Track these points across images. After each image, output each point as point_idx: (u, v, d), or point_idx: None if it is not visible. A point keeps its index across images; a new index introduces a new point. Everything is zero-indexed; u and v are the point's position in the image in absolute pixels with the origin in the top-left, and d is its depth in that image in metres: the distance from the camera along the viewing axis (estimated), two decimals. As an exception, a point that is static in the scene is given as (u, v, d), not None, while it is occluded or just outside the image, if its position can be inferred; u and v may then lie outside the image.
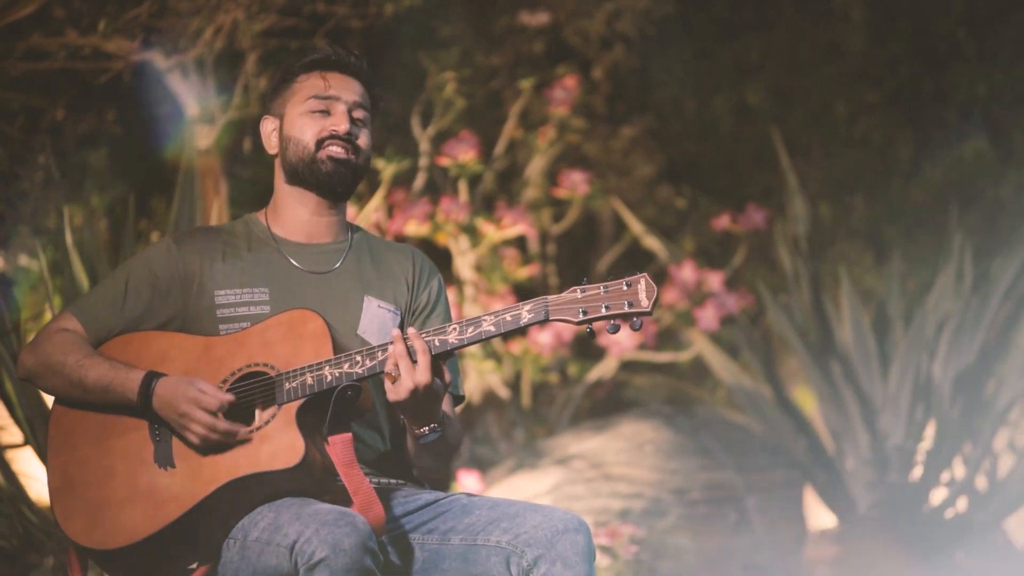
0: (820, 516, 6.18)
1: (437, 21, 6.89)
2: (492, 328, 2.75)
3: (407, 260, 3.07)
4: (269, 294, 2.95)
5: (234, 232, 3.03)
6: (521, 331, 2.79)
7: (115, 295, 2.96)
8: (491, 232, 5.88)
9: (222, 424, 2.78)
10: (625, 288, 2.73)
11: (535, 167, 6.52)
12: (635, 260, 7.05)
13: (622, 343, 5.98)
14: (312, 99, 2.97)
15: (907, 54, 7.27)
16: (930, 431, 5.66)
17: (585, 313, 2.74)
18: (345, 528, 2.64)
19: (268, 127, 3.04)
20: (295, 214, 3.02)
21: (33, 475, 4.43)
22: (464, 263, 5.94)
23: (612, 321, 2.74)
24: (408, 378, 2.75)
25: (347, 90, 2.99)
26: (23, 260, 5.39)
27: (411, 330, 2.78)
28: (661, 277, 6.47)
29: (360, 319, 2.96)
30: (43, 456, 4.20)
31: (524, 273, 6.08)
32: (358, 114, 3.00)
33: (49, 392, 2.95)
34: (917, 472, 5.66)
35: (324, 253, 3.02)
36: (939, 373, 5.67)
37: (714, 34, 7.57)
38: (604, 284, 2.74)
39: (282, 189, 3.03)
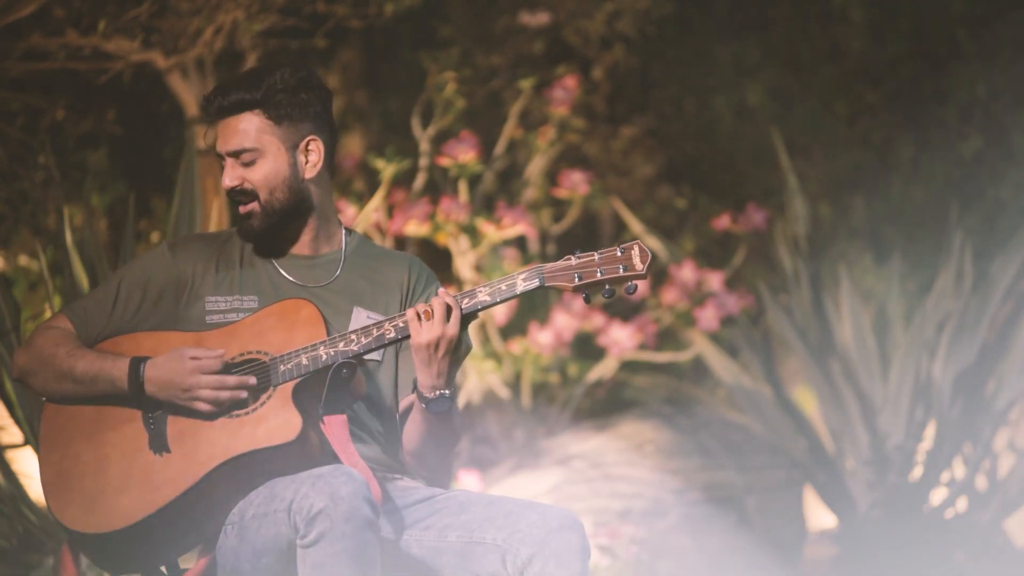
0: (820, 516, 6.18)
1: (437, 21, 6.89)
2: (487, 298, 2.80)
3: (403, 269, 3.06)
4: (258, 302, 2.95)
5: (231, 240, 3.04)
6: (517, 297, 2.83)
7: (106, 297, 2.97)
8: (491, 232, 5.88)
9: (231, 379, 2.79)
10: (619, 254, 2.77)
11: (535, 167, 6.52)
12: (635, 260, 7.03)
13: (622, 343, 5.97)
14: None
15: (907, 54, 7.27)
16: (930, 431, 5.66)
17: (580, 278, 2.77)
18: (341, 478, 2.65)
19: None
20: (276, 232, 3.02)
21: (33, 475, 4.41)
22: (464, 263, 5.94)
23: (607, 286, 2.76)
24: (440, 323, 2.77)
25: (223, 140, 2.96)
26: (23, 260, 5.39)
27: (442, 289, 2.84)
28: (661, 277, 6.47)
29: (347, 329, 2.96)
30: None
31: (524, 273, 6.07)
32: (246, 157, 2.94)
33: (40, 389, 2.94)
34: (917, 472, 5.66)
35: (317, 266, 3.01)
36: (939, 373, 5.67)
37: (714, 34, 7.57)
38: (598, 251, 2.78)
39: None
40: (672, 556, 5.22)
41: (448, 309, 2.80)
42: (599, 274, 2.76)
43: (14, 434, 4.39)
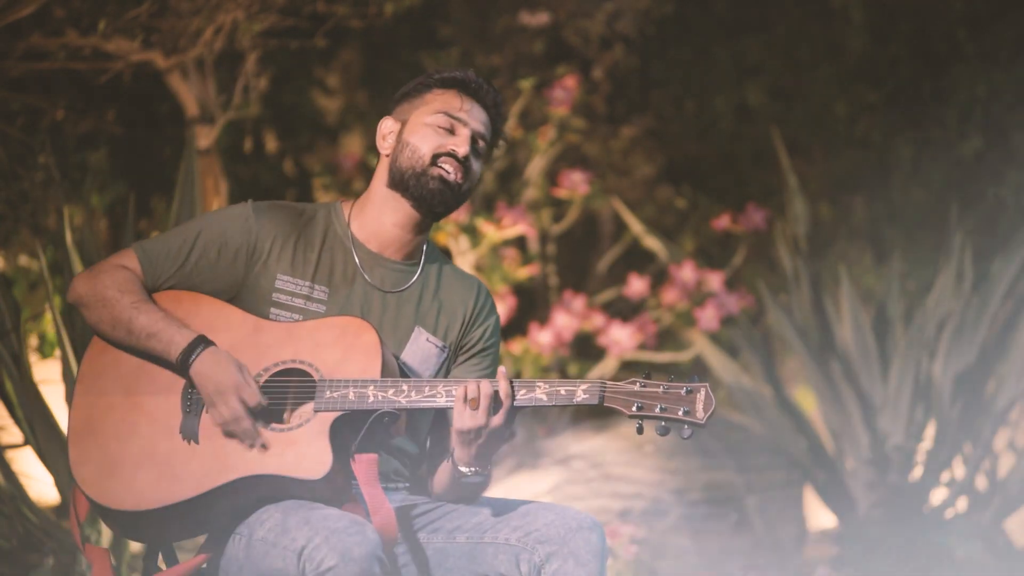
0: (820, 516, 6.18)
1: (437, 21, 6.90)
2: (543, 396, 2.77)
3: (470, 296, 3.04)
4: (328, 295, 2.92)
5: (315, 219, 2.99)
6: (573, 405, 2.85)
7: (182, 248, 2.92)
8: (491, 232, 5.88)
9: (246, 422, 2.77)
10: (684, 394, 2.73)
11: (535, 167, 6.52)
12: (635, 260, 7.05)
13: (622, 343, 5.97)
14: (441, 114, 2.95)
15: (907, 54, 7.27)
16: (930, 431, 5.66)
17: (640, 409, 2.75)
18: (356, 537, 2.64)
19: (386, 127, 3.01)
20: (380, 222, 2.98)
21: (33, 475, 4.43)
22: (464, 263, 5.94)
23: (663, 423, 2.74)
24: (484, 415, 2.75)
25: (476, 119, 2.98)
26: (23, 260, 5.39)
27: (502, 369, 2.79)
28: (661, 277, 6.47)
29: (405, 347, 2.94)
30: (41, 454, 4.21)
31: (524, 273, 6.08)
32: (481, 145, 2.98)
33: (92, 324, 2.90)
34: (917, 472, 5.66)
35: (393, 271, 2.97)
36: (939, 373, 5.67)
37: (714, 34, 7.57)
38: (665, 384, 2.75)
39: (379, 192, 2.99)
40: (672, 556, 5.22)
41: (497, 400, 2.76)
42: (658, 410, 2.74)
43: (14, 434, 4.39)
